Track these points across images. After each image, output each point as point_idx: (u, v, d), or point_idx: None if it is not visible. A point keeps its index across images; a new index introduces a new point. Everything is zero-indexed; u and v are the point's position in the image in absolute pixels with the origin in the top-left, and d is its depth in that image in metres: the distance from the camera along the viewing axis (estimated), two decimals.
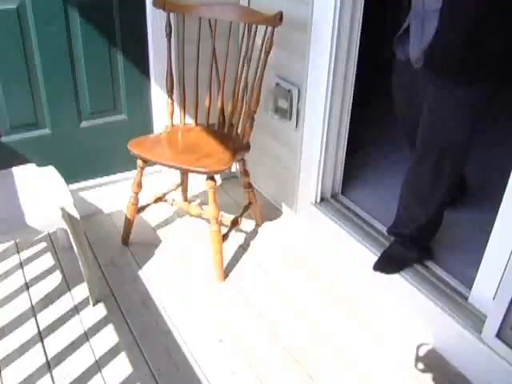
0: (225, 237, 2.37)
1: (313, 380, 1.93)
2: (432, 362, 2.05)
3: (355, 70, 2.45)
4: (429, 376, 2.00)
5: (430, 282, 2.17)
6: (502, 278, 1.87)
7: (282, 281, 2.41)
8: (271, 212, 2.90)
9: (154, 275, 2.40)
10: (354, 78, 2.47)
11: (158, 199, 2.61)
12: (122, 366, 1.95)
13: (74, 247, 2.07)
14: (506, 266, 1.83)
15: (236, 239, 2.65)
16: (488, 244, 1.94)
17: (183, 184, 2.76)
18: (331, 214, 2.59)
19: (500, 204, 1.84)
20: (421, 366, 2.04)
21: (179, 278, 2.39)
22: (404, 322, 2.20)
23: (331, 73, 2.36)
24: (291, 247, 2.63)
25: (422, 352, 2.09)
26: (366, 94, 3.37)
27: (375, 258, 2.31)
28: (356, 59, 2.43)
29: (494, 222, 1.88)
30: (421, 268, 2.25)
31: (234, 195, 2.95)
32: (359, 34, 2.37)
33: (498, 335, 1.89)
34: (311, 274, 2.45)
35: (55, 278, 2.36)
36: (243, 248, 2.61)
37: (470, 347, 1.97)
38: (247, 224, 2.73)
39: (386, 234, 2.44)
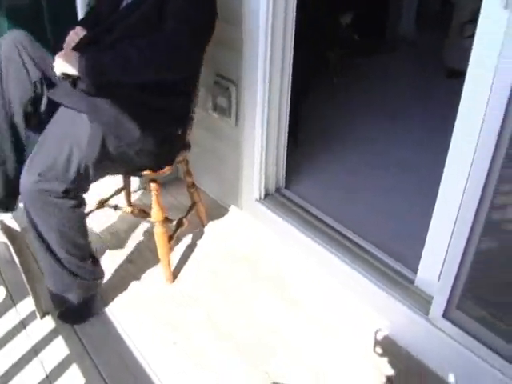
0: (171, 238, 2.35)
1: (269, 375, 1.95)
2: (385, 347, 2.09)
3: (291, 65, 2.47)
4: (383, 361, 2.04)
5: (376, 268, 2.22)
6: (444, 259, 1.92)
7: (230, 279, 2.41)
8: (217, 210, 2.89)
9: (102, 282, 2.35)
10: (290, 74, 2.48)
11: (101, 205, 2.56)
12: (74, 377, 1.91)
13: (16, 260, 2.02)
14: (448, 247, 1.89)
15: (183, 240, 2.63)
16: (430, 227, 2.00)
17: (126, 188, 2.72)
18: (276, 208, 2.60)
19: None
20: (374, 351, 2.08)
21: (128, 283, 2.36)
22: (354, 311, 2.24)
23: (267, 68, 2.37)
24: (238, 244, 2.63)
25: (374, 338, 2.13)
26: (305, 86, 3.42)
27: (322, 250, 2.34)
28: (292, 53, 2.44)
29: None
30: (366, 255, 2.30)
31: (179, 196, 2.92)
32: (294, 25, 2.38)
33: (445, 315, 1.94)
34: (259, 270, 2.46)
35: None
36: (191, 248, 2.59)
37: (420, 329, 2.02)
38: (193, 224, 2.70)
39: (332, 225, 2.47)
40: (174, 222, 2.44)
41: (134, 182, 2.86)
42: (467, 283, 1.86)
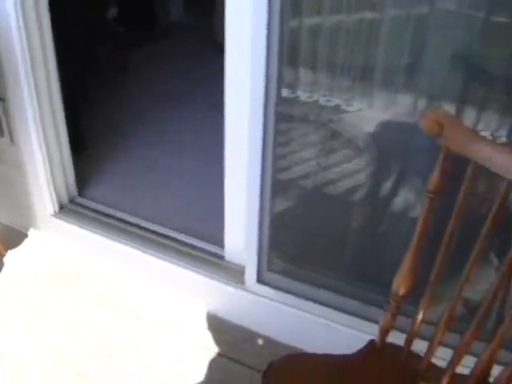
0: None
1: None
2: (214, 327, 2.14)
3: (56, 70, 2.35)
4: (211, 339, 2.09)
5: (186, 254, 2.25)
6: (245, 228, 2.00)
7: (39, 301, 2.28)
8: (14, 236, 2.67)
9: None
10: (57, 80, 2.37)
11: None
12: None
13: None
14: (245, 216, 1.97)
15: None
16: (225, 201, 2.06)
17: None
18: (73, 219, 2.50)
19: None
20: (205, 335, 2.12)
21: None
22: (173, 301, 2.26)
23: (30, 78, 2.21)
24: (45, 266, 2.48)
25: (203, 323, 2.17)
26: (81, 89, 3.32)
27: (128, 249, 2.32)
28: (54, 57, 2.32)
29: None
30: (174, 243, 2.32)
31: None
32: (49, 28, 2.26)
33: (259, 280, 2.04)
34: (68, 285, 2.36)
35: None
36: None
37: (241, 300, 2.11)
38: None
39: (135, 222, 2.45)
40: None
41: None
42: (271, 245, 1.98)
